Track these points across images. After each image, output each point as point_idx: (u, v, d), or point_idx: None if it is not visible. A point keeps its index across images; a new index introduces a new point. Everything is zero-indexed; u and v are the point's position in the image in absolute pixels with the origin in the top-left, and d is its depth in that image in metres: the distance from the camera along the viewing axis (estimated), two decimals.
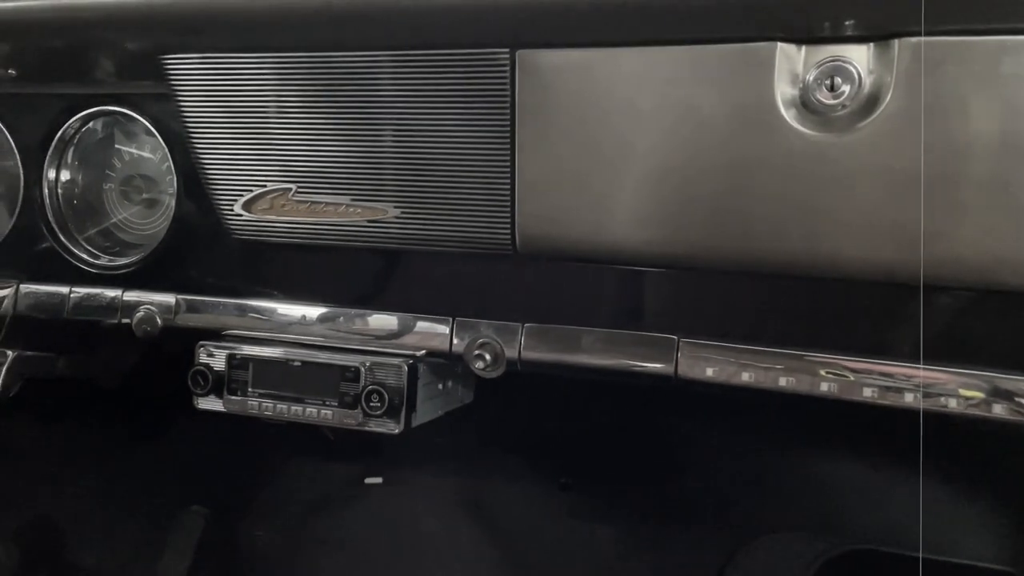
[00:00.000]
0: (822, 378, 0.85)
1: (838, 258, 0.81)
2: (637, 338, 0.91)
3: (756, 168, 0.81)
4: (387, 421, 0.95)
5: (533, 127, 0.87)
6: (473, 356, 0.95)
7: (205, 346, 1.02)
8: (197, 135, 1.00)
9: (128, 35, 1.01)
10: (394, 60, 0.90)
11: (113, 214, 1.15)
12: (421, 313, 0.99)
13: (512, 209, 0.90)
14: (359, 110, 0.93)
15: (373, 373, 0.96)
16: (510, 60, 0.86)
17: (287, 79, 0.94)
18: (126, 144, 1.14)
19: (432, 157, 0.91)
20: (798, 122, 0.80)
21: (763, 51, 0.79)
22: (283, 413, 0.99)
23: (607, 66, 0.84)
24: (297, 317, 1.03)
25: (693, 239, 0.85)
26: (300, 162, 0.96)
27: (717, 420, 1.25)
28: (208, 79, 0.97)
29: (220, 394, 1.01)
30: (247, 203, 1.00)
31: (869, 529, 1.23)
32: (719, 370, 0.88)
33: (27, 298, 1.13)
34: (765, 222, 0.82)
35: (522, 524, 1.42)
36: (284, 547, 1.48)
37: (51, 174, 1.12)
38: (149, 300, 1.08)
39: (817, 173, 0.80)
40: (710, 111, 0.81)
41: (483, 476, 1.44)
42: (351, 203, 0.96)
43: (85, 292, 1.11)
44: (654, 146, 0.84)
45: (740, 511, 1.30)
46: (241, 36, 0.95)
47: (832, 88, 0.78)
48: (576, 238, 0.89)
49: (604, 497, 1.38)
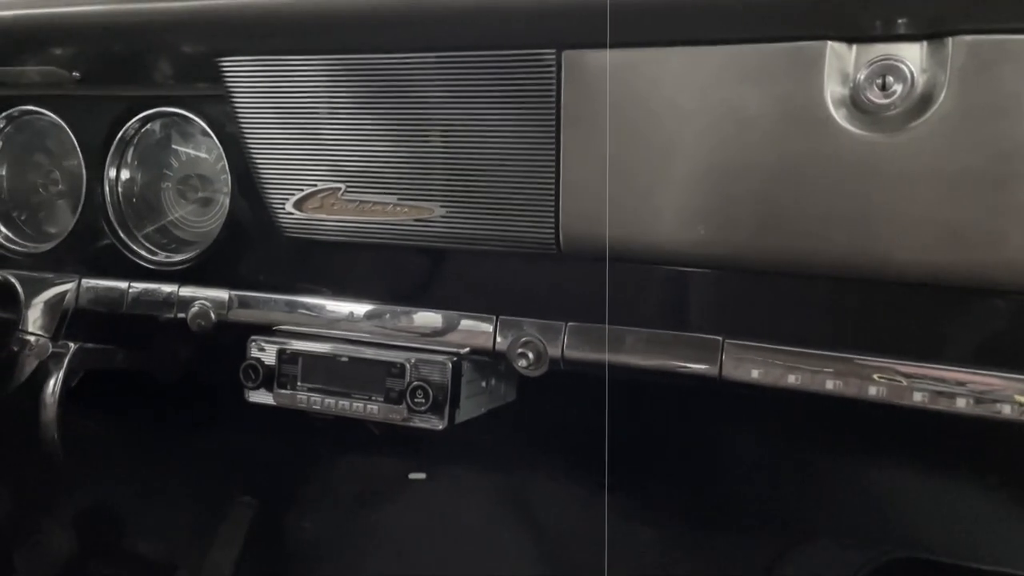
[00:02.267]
0: (871, 382, 0.83)
1: (888, 260, 0.80)
2: (681, 338, 0.91)
3: (805, 168, 0.80)
4: (431, 417, 0.96)
5: (578, 127, 0.87)
6: (516, 354, 0.96)
7: (256, 341, 1.04)
8: (251, 136, 1.02)
9: (186, 38, 1.04)
10: (441, 61, 0.91)
11: (170, 212, 1.18)
12: (465, 311, 1.00)
13: (556, 209, 0.90)
14: (407, 111, 0.94)
15: (418, 369, 0.97)
16: (556, 61, 0.86)
17: (337, 81, 0.96)
18: (183, 144, 1.17)
19: (478, 157, 0.92)
20: (848, 122, 0.79)
21: (813, 50, 0.78)
22: (330, 407, 1.00)
23: (654, 66, 0.84)
24: (345, 314, 1.05)
25: (740, 240, 0.84)
26: (349, 162, 0.98)
27: (761, 422, 1.23)
28: (262, 81, 0.99)
29: (270, 388, 1.02)
30: (298, 202, 1.02)
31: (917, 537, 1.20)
32: (764, 372, 0.87)
33: (88, 292, 1.17)
34: (814, 223, 0.81)
35: (563, 523, 1.42)
36: (330, 539, 1.50)
37: (112, 173, 1.16)
38: (203, 296, 1.10)
39: (867, 173, 0.79)
40: (758, 111, 0.81)
41: (525, 474, 1.44)
42: (398, 202, 0.97)
43: (143, 287, 1.14)
44: (700, 146, 0.83)
45: (784, 516, 1.28)
46: (294, 38, 0.97)
47: (883, 87, 0.77)
48: (620, 238, 0.89)
49: (646, 498, 1.37)
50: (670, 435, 1.33)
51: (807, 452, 1.25)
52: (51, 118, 1.18)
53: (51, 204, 1.26)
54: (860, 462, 1.23)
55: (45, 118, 1.19)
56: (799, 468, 1.27)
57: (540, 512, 1.43)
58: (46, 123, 1.20)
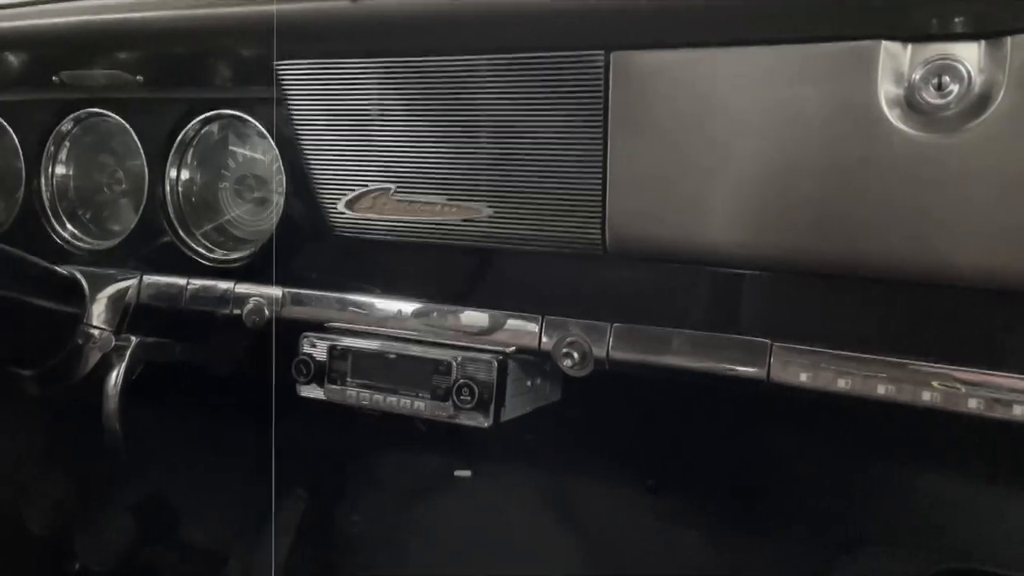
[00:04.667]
0: (925, 387, 0.81)
1: (943, 263, 0.78)
2: (728, 341, 0.90)
3: (858, 169, 0.79)
4: (477, 415, 0.97)
5: (626, 128, 0.88)
6: (561, 354, 0.96)
7: (308, 337, 1.06)
8: (305, 137, 1.04)
9: (245, 43, 1.07)
10: (491, 64, 0.92)
11: (227, 211, 1.21)
12: (511, 311, 1.01)
13: (603, 209, 0.90)
14: (456, 113, 0.95)
15: (464, 368, 0.98)
16: (605, 62, 0.87)
17: (389, 84, 0.97)
18: (240, 146, 1.20)
19: (526, 158, 0.93)
20: (902, 122, 0.78)
21: (867, 50, 0.77)
22: (379, 403, 1.02)
23: (703, 67, 0.84)
24: (393, 312, 1.07)
25: (790, 241, 0.83)
26: (400, 163, 1.00)
27: (811, 426, 1.21)
28: (316, 84, 1.01)
29: (321, 383, 1.04)
30: (350, 202, 1.04)
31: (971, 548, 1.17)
32: (814, 376, 0.86)
33: (149, 288, 1.20)
34: (866, 224, 0.80)
35: (607, 524, 1.41)
36: (378, 533, 1.52)
37: (172, 173, 1.19)
38: (258, 292, 1.13)
39: (922, 175, 0.77)
40: (810, 111, 0.80)
41: (570, 474, 1.44)
42: (447, 203, 0.99)
43: (201, 284, 1.17)
44: (751, 147, 0.83)
45: (834, 523, 1.25)
46: (349, 42, 0.99)
47: (939, 87, 0.76)
48: (668, 238, 0.89)
49: (692, 501, 1.36)
50: (717, 438, 1.31)
51: (857, 457, 1.23)
52: (116, 120, 1.22)
53: (115, 203, 1.30)
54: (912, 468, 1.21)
55: (110, 120, 1.23)
56: (849, 473, 1.24)
57: (584, 512, 1.43)
58: (111, 125, 1.24)
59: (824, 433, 1.22)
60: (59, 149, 1.28)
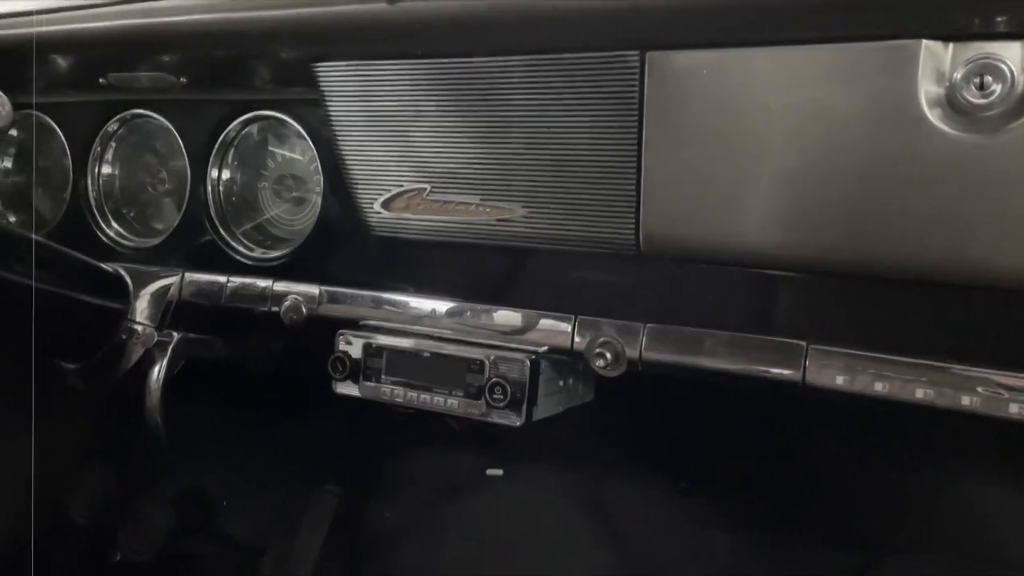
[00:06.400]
0: (965, 392, 0.80)
1: (984, 265, 0.77)
2: (763, 342, 0.89)
3: (897, 170, 0.78)
4: (509, 413, 0.98)
5: (661, 128, 0.87)
6: (594, 354, 0.96)
7: (344, 334, 1.07)
8: (342, 138, 1.06)
9: (284, 45, 1.08)
10: (526, 64, 0.92)
11: (266, 210, 1.23)
12: (544, 310, 1.01)
13: (637, 210, 0.90)
14: (491, 113, 0.96)
15: (497, 366, 0.98)
16: (640, 62, 0.86)
17: (425, 84, 0.98)
18: (279, 146, 1.21)
19: (559, 158, 0.93)
20: (943, 122, 0.76)
21: (907, 49, 0.76)
22: (412, 400, 1.02)
23: (740, 66, 0.83)
24: (427, 310, 1.08)
25: (828, 243, 0.82)
26: (435, 163, 1.00)
27: (846, 430, 1.19)
28: (354, 85, 1.03)
29: (356, 380, 1.05)
30: (386, 202, 1.05)
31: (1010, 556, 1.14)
32: (850, 379, 0.85)
33: (190, 285, 1.23)
34: (906, 226, 0.79)
35: (639, 526, 1.41)
36: (409, 530, 1.53)
37: (214, 173, 1.21)
38: (296, 290, 1.14)
39: (963, 176, 0.76)
40: (848, 112, 0.79)
41: (601, 475, 1.44)
42: (481, 202, 0.99)
43: (240, 282, 1.19)
44: (788, 147, 0.82)
45: (870, 528, 1.24)
46: (386, 44, 1.00)
47: (981, 87, 0.75)
48: (702, 239, 0.88)
49: (725, 505, 1.35)
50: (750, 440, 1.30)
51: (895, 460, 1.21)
52: (160, 121, 1.25)
53: (158, 202, 1.33)
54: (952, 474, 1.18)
55: (154, 121, 1.26)
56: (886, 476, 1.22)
57: (615, 513, 1.42)
58: (155, 126, 1.26)
59: (862, 435, 1.20)
60: (105, 149, 1.31)
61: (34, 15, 1.23)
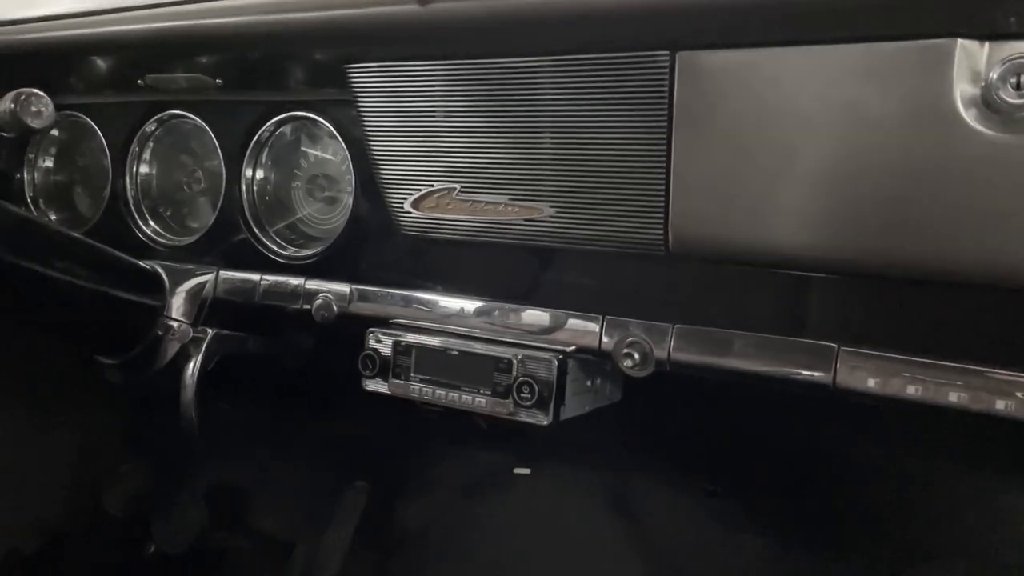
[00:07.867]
0: (999, 396, 0.79)
1: (1021, 267, 0.76)
2: (793, 344, 0.89)
3: (931, 171, 0.77)
4: (536, 412, 0.98)
5: (691, 128, 0.87)
6: (622, 354, 0.96)
7: (374, 332, 1.08)
8: (373, 138, 1.07)
9: (317, 46, 1.10)
10: (555, 64, 0.92)
11: (298, 210, 1.25)
12: (572, 310, 1.01)
13: (666, 210, 0.90)
14: (520, 113, 0.96)
15: (525, 365, 0.99)
16: (670, 62, 0.86)
17: (455, 85, 0.99)
18: (311, 147, 1.23)
19: (588, 158, 0.93)
20: (979, 123, 0.75)
21: (942, 48, 0.75)
22: (440, 398, 1.03)
23: (771, 66, 0.83)
24: (456, 309, 1.08)
25: (860, 244, 0.82)
26: (464, 163, 1.01)
27: (877, 433, 1.18)
28: (385, 86, 1.04)
29: (386, 377, 1.06)
30: (416, 201, 1.06)
31: None
32: (882, 382, 0.84)
33: (224, 283, 1.25)
34: (941, 227, 0.78)
35: (666, 527, 1.40)
36: (437, 527, 1.54)
37: (248, 173, 1.23)
38: (327, 289, 1.16)
39: (999, 176, 0.75)
40: (881, 112, 0.78)
41: (629, 476, 1.44)
42: (509, 202, 1.00)
43: (273, 280, 1.20)
44: (819, 148, 0.81)
45: (899, 533, 1.22)
46: (417, 45, 1.01)
47: (1018, 87, 0.73)
48: (731, 240, 0.88)
49: (752, 508, 1.34)
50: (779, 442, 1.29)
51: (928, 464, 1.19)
52: (196, 121, 1.27)
53: (194, 201, 1.35)
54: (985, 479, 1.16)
55: (190, 122, 1.28)
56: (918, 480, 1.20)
57: (642, 514, 1.42)
58: (191, 126, 1.29)
59: (893, 439, 1.18)
60: (143, 149, 1.34)
61: (74, 18, 1.26)
